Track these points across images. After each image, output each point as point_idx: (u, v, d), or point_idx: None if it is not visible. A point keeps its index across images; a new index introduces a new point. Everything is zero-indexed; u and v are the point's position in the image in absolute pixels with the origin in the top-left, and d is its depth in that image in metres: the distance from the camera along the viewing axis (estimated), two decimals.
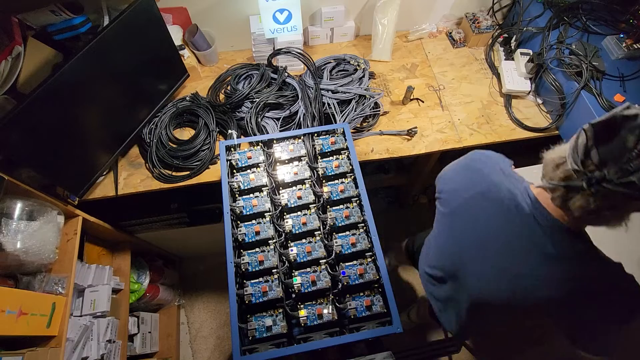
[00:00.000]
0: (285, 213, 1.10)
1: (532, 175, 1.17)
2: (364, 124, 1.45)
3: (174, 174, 1.35)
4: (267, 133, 1.37)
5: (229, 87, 1.52)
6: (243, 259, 1.02)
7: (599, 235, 1.32)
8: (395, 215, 2.24)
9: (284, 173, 1.15)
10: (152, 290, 1.68)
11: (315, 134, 1.23)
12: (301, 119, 1.38)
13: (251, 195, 1.13)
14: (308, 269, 1.02)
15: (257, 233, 1.05)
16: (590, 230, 0.77)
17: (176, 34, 1.47)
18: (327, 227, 1.08)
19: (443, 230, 1.01)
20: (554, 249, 0.75)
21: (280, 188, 1.14)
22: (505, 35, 1.61)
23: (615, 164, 0.59)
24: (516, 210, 0.79)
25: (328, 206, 1.11)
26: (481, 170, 0.90)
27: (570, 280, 0.76)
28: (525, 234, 0.78)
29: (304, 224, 1.07)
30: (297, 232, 1.07)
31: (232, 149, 1.22)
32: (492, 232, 0.84)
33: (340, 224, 1.08)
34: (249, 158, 1.17)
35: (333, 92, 1.43)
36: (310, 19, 1.63)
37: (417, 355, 1.49)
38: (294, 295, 1.00)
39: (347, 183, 1.14)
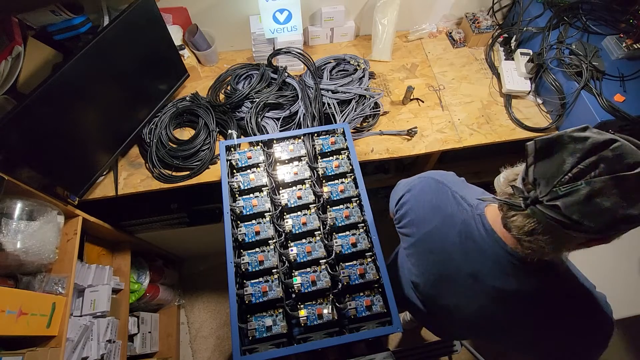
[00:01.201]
0: (285, 213, 1.10)
1: None
2: (364, 124, 1.45)
3: (174, 174, 1.35)
4: (267, 133, 1.37)
5: (229, 87, 1.52)
6: (243, 259, 1.02)
7: None
8: None
9: (284, 173, 1.15)
10: (152, 290, 1.68)
11: (315, 134, 1.23)
12: (301, 119, 1.38)
13: (251, 195, 1.13)
14: (308, 269, 1.02)
15: (257, 233, 1.05)
16: None
17: (176, 34, 1.47)
18: (327, 227, 1.08)
19: (411, 255, 0.96)
20: (513, 284, 0.72)
21: (280, 188, 1.14)
22: (505, 35, 1.61)
23: (546, 184, 0.55)
24: (473, 243, 0.75)
25: (328, 206, 1.11)
26: (434, 202, 0.85)
27: (530, 314, 0.74)
28: (486, 269, 0.75)
29: (304, 224, 1.07)
30: (297, 232, 1.07)
31: (232, 149, 1.22)
32: (456, 270, 0.81)
33: (340, 224, 1.08)
34: (249, 158, 1.17)
35: (333, 92, 1.43)
36: (310, 19, 1.63)
37: (417, 355, 1.49)
38: (294, 295, 1.00)
39: (347, 183, 1.14)
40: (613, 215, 0.51)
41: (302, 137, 1.22)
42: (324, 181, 1.15)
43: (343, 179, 1.15)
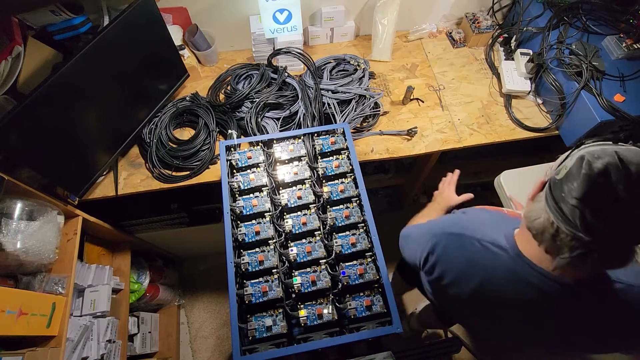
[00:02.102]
0: (285, 213, 1.10)
1: (534, 175, 1.17)
2: (364, 124, 1.45)
3: (174, 174, 1.35)
4: (267, 133, 1.37)
5: (229, 87, 1.52)
6: (243, 259, 1.02)
7: None
8: (395, 215, 2.24)
9: (284, 173, 1.15)
10: (152, 290, 1.68)
11: (315, 134, 1.23)
12: (301, 119, 1.38)
13: (251, 195, 1.13)
14: (308, 269, 1.02)
15: (257, 233, 1.05)
16: None
17: (176, 34, 1.47)
18: (327, 227, 1.08)
19: (463, 306, 0.92)
20: (570, 303, 0.72)
21: (280, 188, 1.14)
22: (505, 35, 1.60)
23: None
24: (531, 288, 0.73)
25: (328, 206, 1.11)
26: (466, 257, 0.81)
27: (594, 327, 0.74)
28: (547, 303, 0.74)
29: (304, 224, 1.07)
30: (297, 232, 1.07)
31: (232, 149, 1.22)
32: (517, 314, 0.79)
33: (340, 224, 1.08)
34: (249, 158, 1.17)
35: (333, 92, 1.43)
36: (310, 19, 1.63)
37: (417, 355, 1.49)
38: (294, 295, 1.00)
39: (347, 183, 1.14)
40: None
41: (302, 137, 1.22)
42: (324, 181, 1.15)
43: (343, 179, 1.15)
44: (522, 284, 0.73)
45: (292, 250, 1.04)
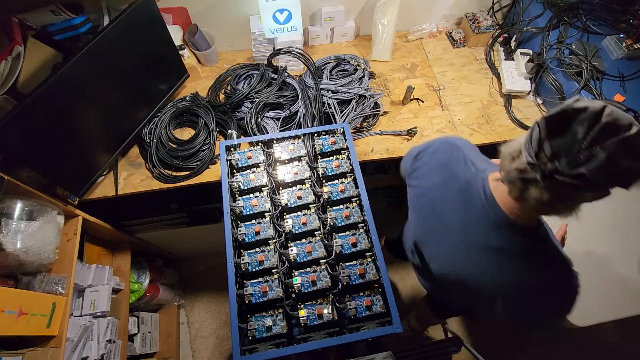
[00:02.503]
0: (285, 213, 1.10)
1: None
2: (364, 124, 1.45)
3: (174, 174, 1.35)
4: (267, 133, 1.37)
5: (229, 87, 1.52)
6: (243, 259, 1.02)
7: (604, 235, 1.32)
8: (395, 215, 2.23)
9: (284, 173, 1.15)
10: (152, 290, 1.68)
11: (315, 134, 1.23)
12: (301, 119, 1.38)
13: (251, 195, 1.13)
14: (308, 269, 1.02)
15: (257, 233, 1.05)
16: (595, 229, 0.77)
17: (176, 34, 1.47)
18: (327, 227, 1.08)
19: (412, 209, 1.06)
20: (497, 241, 0.79)
21: (280, 188, 1.14)
22: (505, 35, 1.61)
23: (566, 155, 0.60)
24: (469, 200, 0.83)
25: (328, 206, 1.11)
26: (445, 159, 0.92)
27: (507, 273, 0.80)
28: (475, 224, 0.82)
29: (304, 224, 1.07)
30: (297, 232, 1.07)
31: (232, 149, 1.22)
32: (449, 220, 0.88)
33: (340, 224, 1.08)
34: (249, 158, 1.17)
35: (333, 92, 1.43)
36: (310, 19, 1.63)
37: (417, 355, 1.49)
38: (294, 295, 1.00)
39: (347, 183, 1.14)
40: (634, 171, 0.58)
41: (302, 137, 1.22)
42: (324, 181, 1.15)
43: (343, 179, 1.15)
44: (467, 197, 0.83)
45: (292, 250, 1.04)
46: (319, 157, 1.19)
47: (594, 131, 0.58)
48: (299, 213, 1.10)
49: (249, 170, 1.17)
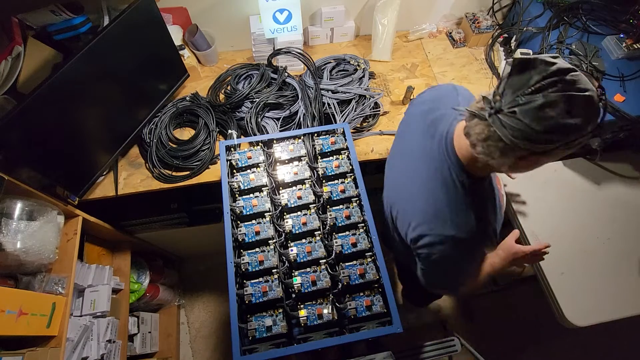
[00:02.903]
0: (285, 213, 1.10)
1: (532, 174, 1.17)
2: (364, 124, 1.45)
3: (174, 174, 1.35)
4: (267, 133, 1.37)
5: (229, 87, 1.52)
6: (243, 259, 1.02)
7: (604, 235, 1.32)
8: None
9: (284, 173, 1.15)
10: (152, 290, 1.68)
11: (315, 134, 1.23)
12: (301, 119, 1.38)
13: (251, 195, 1.13)
14: (308, 269, 1.02)
15: (257, 233, 1.05)
16: (595, 229, 0.77)
17: (176, 34, 1.46)
18: (327, 227, 1.08)
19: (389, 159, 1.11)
20: (438, 173, 0.83)
21: (280, 188, 1.14)
22: (505, 35, 1.60)
23: (511, 94, 0.63)
24: (434, 132, 0.87)
25: (328, 206, 1.11)
26: (440, 94, 0.97)
27: (430, 201, 0.84)
28: (429, 151, 0.86)
29: (304, 224, 1.07)
30: (297, 232, 1.07)
31: (232, 149, 1.22)
32: (409, 141, 0.94)
33: (340, 224, 1.08)
34: (249, 158, 1.17)
35: (333, 92, 1.43)
36: (310, 19, 1.63)
37: (417, 355, 1.49)
38: (294, 295, 1.00)
39: (347, 183, 1.14)
40: (555, 122, 0.61)
41: (302, 137, 1.22)
42: (324, 181, 1.15)
43: (343, 179, 1.15)
44: (435, 132, 0.87)
45: (292, 250, 1.04)
46: (319, 157, 1.19)
47: (546, 81, 0.61)
48: (299, 213, 1.10)
49: (249, 170, 1.17)
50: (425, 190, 0.85)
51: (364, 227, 1.08)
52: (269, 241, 1.05)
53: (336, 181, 1.15)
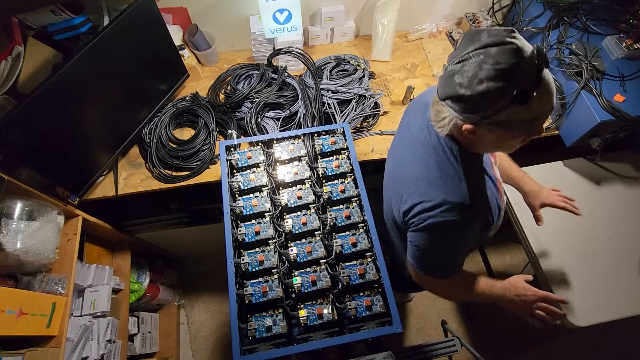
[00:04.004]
0: (285, 213, 1.10)
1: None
2: (364, 124, 1.45)
3: (174, 174, 1.35)
4: (267, 133, 1.37)
5: (229, 87, 1.52)
6: (243, 259, 1.02)
7: (604, 236, 1.32)
8: None
9: (284, 173, 1.15)
10: (152, 290, 1.68)
11: (315, 134, 1.23)
12: (301, 119, 1.38)
13: (251, 195, 1.13)
14: (308, 269, 1.02)
15: (257, 233, 1.05)
16: (595, 229, 0.76)
17: (176, 34, 1.46)
18: (327, 227, 1.08)
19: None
20: (432, 141, 0.85)
21: (280, 188, 1.14)
22: None
23: (457, 54, 0.69)
24: (427, 124, 0.87)
25: (328, 206, 1.11)
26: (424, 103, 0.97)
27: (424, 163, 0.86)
28: (426, 128, 0.87)
29: (304, 224, 1.07)
30: (297, 232, 1.07)
31: (232, 149, 1.22)
32: (409, 126, 0.95)
33: (340, 224, 1.08)
34: (249, 158, 1.18)
35: (333, 92, 1.43)
36: (310, 19, 1.63)
37: (417, 355, 1.49)
38: (294, 295, 1.00)
39: (347, 183, 1.14)
40: (453, 89, 0.68)
41: (302, 137, 1.22)
42: (324, 181, 1.15)
43: (343, 179, 1.15)
44: (424, 128, 0.88)
45: (292, 250, 1.04)
46: (319, 157, 1.19)
47: (473, 53, 0.65)
48: (299, 213, 1.10)
49: (249, 170, 1.17)
50: (417, 158, 0.87)
51: (364, 227, 1.08)
52: (269, 241, 1.05)
53: (336, 181, 1.15)
